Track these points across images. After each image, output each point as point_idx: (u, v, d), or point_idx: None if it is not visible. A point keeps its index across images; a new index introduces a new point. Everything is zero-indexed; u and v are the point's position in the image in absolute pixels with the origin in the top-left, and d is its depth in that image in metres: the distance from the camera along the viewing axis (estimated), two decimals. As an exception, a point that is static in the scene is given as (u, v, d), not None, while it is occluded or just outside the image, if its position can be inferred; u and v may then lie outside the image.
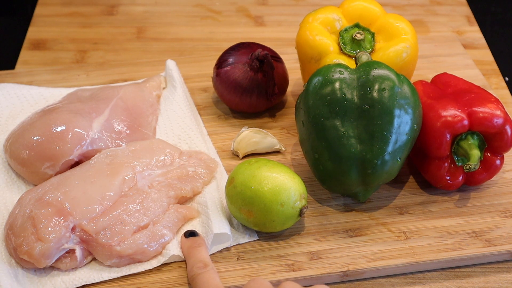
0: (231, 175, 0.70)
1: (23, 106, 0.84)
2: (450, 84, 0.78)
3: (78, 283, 0.66)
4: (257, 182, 0.67)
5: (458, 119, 0.70)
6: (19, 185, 0.76)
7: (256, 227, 0.69)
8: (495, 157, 0.73)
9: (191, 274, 0.64)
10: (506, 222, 0.72)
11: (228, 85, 0.82)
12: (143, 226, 0.69)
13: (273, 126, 0.85)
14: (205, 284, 0.62)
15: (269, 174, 0.68)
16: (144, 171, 0.73)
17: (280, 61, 0.85)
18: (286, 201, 0.67)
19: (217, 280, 0.63)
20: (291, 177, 0.68)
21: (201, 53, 1.01)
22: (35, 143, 0.74)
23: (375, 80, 0.68)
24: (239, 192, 0.68)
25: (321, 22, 0.79)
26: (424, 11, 1.12)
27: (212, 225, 0.69)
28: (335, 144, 0.68)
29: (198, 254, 0.66)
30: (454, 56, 0.96)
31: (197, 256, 0.65)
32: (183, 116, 0.83)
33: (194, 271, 0.64)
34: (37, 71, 0.93)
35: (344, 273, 0.68)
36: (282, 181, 0.67)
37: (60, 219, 0.66)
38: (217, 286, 0.62)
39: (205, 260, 0.65)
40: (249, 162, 0.70)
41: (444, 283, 0.69)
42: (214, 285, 0.62)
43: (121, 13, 1.10)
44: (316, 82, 0.70)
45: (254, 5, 1.12)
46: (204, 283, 0.62)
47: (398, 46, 0.77)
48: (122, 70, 0.93)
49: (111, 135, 0.78)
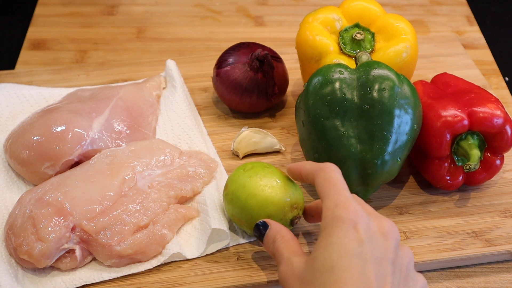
0: (228, 179, 0.70)
1: (23, 106, 0.84)
2: (450, 84, 0.78)
3: (78, 283, 0.66)
4: (246, 194, 0.67)
5: (458, 119, 0.70)
6: (19, 185, 0.76)
7: (249, 232, 0.70)
8: (495, 157, 0.73)
9: (319, 166, 0.61)
10: (506, 222, 0.72)
11: (228, 85, 0.82)
12: (143, 226, 0.69)
13: (273, 126, 0.85)
14: (341, 181, 0.59)
15: (259, 185, 0.66)
16: (144, 171, 0.73)
17: (280, 61, 0.85)
18: (273, 214, 0.66)
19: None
20: (282, 187, 0.67)
21: (201, 53, 1.01)
22: (35, 143, 0.74)
23: (375, 80, 0.68)
24: (231, 200, 0.68)
25: (321, 22, 0.79)
26: (424, 11, 1.12)
27: (210, 221, 0.69)
28: (335, 144, 0.68)
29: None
30: (454, 56, 0.96)
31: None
32: (183, 116, 0.83)
33: (325, 164, 0.60)
34: (37, 71, 0.93)
35: (344, 273, 0.68)
36: (269, 194, 0.66)
37: (60, 219, 0.66)
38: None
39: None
40: (244, 168, 0.69)
41: (444, 283, 0.69)
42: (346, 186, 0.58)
43: (121, 13, 1.10)
44: (316, 82, 0.70)
45: (254, 5, 1.12)
46: (339, 179, 0.59)
47: (398, 46, 0.77)
48: (122, 70, 0.93)
49: (111, 135, 0.78)
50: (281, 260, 0.59)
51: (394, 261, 0.55)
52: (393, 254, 0.55)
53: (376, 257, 0.54)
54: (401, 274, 0.55)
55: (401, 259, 0.56)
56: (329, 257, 0.53)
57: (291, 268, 0.57)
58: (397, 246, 0.56)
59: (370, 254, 0.53)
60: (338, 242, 0.54)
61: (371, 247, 0.54)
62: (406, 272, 0.56)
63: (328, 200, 0.57)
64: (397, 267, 0.55)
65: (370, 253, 0.53)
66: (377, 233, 0.56)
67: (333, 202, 0.56)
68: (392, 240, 0.56)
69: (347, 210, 0.55)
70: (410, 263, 0.57)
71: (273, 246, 0.62)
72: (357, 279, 0.52)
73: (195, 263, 0.69)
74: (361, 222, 0.55)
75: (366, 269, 0.52)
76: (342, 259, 0.53)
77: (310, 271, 0.55)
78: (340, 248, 0.53)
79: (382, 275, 0.53)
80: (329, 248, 0.54)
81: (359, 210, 0.56)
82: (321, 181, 0.59)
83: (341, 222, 0.55)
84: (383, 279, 0.53)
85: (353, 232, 0.54)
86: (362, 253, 0.53)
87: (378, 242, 0.55)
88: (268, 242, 0.63)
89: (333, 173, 0.59)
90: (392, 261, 0.55)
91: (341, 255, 0.53)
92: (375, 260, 0.53)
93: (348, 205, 0.56)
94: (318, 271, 0.53)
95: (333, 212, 0.56)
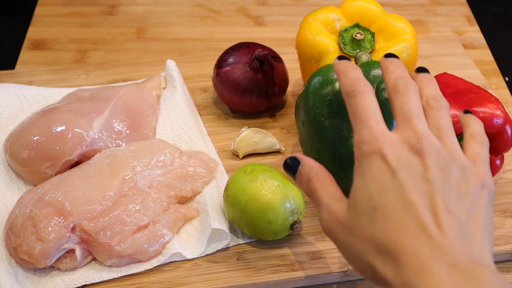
0: (228, 181, 0.70)
1: (23, 106, 0.84)
2: (450, 84, 0.78)
3: (78, 283, 0.66)
4: (246, 198, 0.67)
5: (458, 119, 0.70)
6: (19, 185, 0.76)
7: (249, 234, 0.70)
8: (495, 157, 0.73)
9: (350, 88, 0.55)
10: (506, 222, 0.72)
11: (228, 85, 0.82)
12: (143, 226, 0.69)
13: (273, 126, 0.85)
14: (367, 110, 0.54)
15: (259, 190, 0.66)
16: (144, 171, 0.73)
17: (280, 61, 0.85)
18: (273, 219, 0.66)
19: (378, 110, 0.54)
20: (283, 192, 0.67)
21: (201, 53, 1.01)
22: (35, 143, 0.74)
23: (375, 80, 0.68)
24: (231, 203, 0.68)
25: (321, 22, 0.79)
26: (424, 11, 1.12)
27: (210, 221, 0.69)
28: (335, 144, 0.68)
29: (359, 73, 0.57)
30: (454, 56, 0.96)
31: (357, 74, 0.57)
32: (183, 116, 0.83)
33: (355, 86, 0.55)
34: (37, 71, 0.93)
35: (344, 273, 0.68)
36: (270, 200, 0.66)
37: (60, 219, 0.67)
38: (378, 117, 0.54)
39: (365, 79, 0.56)
40: (244, 171, 0.69)
41: (444, 283, 0.69)
42: (375, 114, 0.54)
43: (121, 13, 1.10)
44: (316, 82, 0.70)
45: (254, 5, 1.12)
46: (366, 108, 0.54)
47: (398, 46, 0.77)
48: (122, 70, 0.93)
49: (111, 135, 0.78)
50: (321, 205, 0.55)
51: (438, 176, 0.50)
52: (433, 168, 0.51)
53: (414, 180, 0.50)
54: (450, 186, 0.51)
55: (447, 169, 0.51)
56: (369, 197, 0.51)
57: (334, 216, 0.54)
58: (440, 155, 0.52)
59: (406, 180, 0.50)
60: (372, 179, 0.51)
61: (405, 172, 0.50)
62: (457, 180, 0.51)
63: (355, 136, 0.53)
64: (445, 179, 0.51)
65: (407, 179, 0.50)
66: (410, 153, 0.51)
67: (359, 138, 0.53)
68: (428, 156, 0.51)
69: (371, 143, 0.52)
70: (462, 165, 0.52)
71: (307, 186, 0.57)
72: (402, 211, 0.49)
73: (195, 263, 0.69)
74: (388, 149, 0.51)
75: (406, 198, 0.49)
76: (382, 196, 0.50)
77: (355, 216, 0.51)
78: (377, 186, 0.51)
79: (427, 197, 0.50)
80: (367, 188, 0.51)
81: (386, 137, 0.52)
82: (349, 112, 0.55)
83: (369, 158, 0.52)
84: (430, 202, 0.49)
85: (382, 164, 0.51)
86: (398, 183, 0.50)
87: (412, 162, 0.51)
88: (301, 180, 0.58)
89: (358, 100, 0.54)
90: (434, 176, 0.50)
91: (379, 192, 0.50)
92: (415, 184, 0.50)
93: (372, 137, 0.52)
94: (362, 214, 0.51)
95: (361, 150, 0.52)
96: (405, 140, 0.52)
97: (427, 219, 0.49)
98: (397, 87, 0.56)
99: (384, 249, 0.49)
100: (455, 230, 0.49)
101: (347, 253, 0.53)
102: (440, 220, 0.49)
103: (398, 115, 0.55)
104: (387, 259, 0.49)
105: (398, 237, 0.48)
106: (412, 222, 0.49)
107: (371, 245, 0.50)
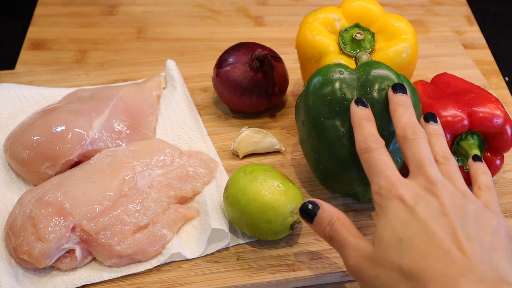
0: (228, 181, 0.70)
1: (23, 106, 0.84)
2: (450, 84, 0.78)
3: (78, 283, 0.66)
4: (246, 198, 0.67)
5: (458, 119, 0.70)
6: (19, 185, 0.76)
7: (249, 234, 0.70)
8: (495, 157, 0.73)
9: (363, 146, 0.62)
10: (506, 222, 0.72)
11: (228, 85, 0.82)
12: (143, 226, 0.69)
13: (273, 126, 0.85)
14: (380, 162, 0.60)
15: (259, 191, 0.66)
16: (144, 171, 0.73)
17: (280, 61, 0.85)
18: (273, 219, 0.66)
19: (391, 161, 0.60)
20: (283, 192, 0.67)
21: (201, 53, 1.01)
22: (35, 143, 0.74)
23: (375, 80, 0.68)
24: (231, 203, 0.68)
25: (321, 22, 0.79)
26: (424, 11, 1.12)
27: (210, 220, 0.69)
28: (335, 144, 0.68)
29: (372, 128, 0.63)
30: (454, 56, 0.96)
31: (371, 129, 0.63)
32: (183, 116, 0.83)
33: (368, 143, 0.61)
34: (37, 71, 0.93)
35: (344, 273, 0.68)
36: (270, 200, 0.66)
37: (60, 219, 0.67)
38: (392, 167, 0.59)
39: (377, 135, 0.62)
40: (244, 171, 0.69)
41: (444, 283, 0.69)
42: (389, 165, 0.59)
43: (121, 13, 1.10)
44: (316, 82, 0.70)
45: (254, 5, 1.12)
46: (380, 160, 0.60)
47: (398, 46, 0.77)
48: (122, 70, 0.93)
49: (111, 135, 0.78)
50: (346, 245, 0.59)
51: (454, 210, 0.55)
52: (450, 206, 0.56)
53: (434, 215, 0.55)
54: (468, 220, 0.56)
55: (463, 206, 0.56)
56: (393, 232, 0.55)
57: (361, 253, 0.57)
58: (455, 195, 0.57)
59: (426, 216, 0.55)
60: (394, 217, 0.56)
61: (424, 208, 0.55)
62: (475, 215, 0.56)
63: (373, 187, 0.59)
64: (462, 214, 0.56)
65: (426, 214, 0.55)
66: (426, 193, 0.57)
67: (376, 187, 0.58)
68: (444, 196, 0.56)
69: (389, 189, 0.57)
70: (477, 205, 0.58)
71: (329, 229, 0.60)
72: (426, 241, 0.53)
73: (195, 263, 0.69)
74: (405, 191, 0.57)
75: (429, 229, 0.54)
76: (406, 230, 0.54)
77: (382, 250, 0.55)
78: (399, 222, 0.55)
79: (447, 228, 0.54)
80: (390, 225, 0.55)
81: (402, 182, 0.57)
82: (364, 166, 0.61)
83: (389, 201, 0.57)
84: (451, 232, 0.54)
85: (401, 205, 0.56)
86: (418, 218, 0.54)
87: (429, 200, 0.56)
88: (322, 224, 0.61)
89: (372, 155, 0.60)
90: (452, 211, 0.55)
91: (403, 227, 0.55)
92: (434, 218, 0.54)
93: (389, 183, 0.57)
94: (389, 247, 0.55)
95: (380, 196, 0.58)
96: (420, 185, 0.58)
97: (451, 246, 0.53)
98: (406, 136, 0.61)
99: (412, 275, 0.52)
100: (479, 255, 0.52)
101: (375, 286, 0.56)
102: (463, 246, 0.53)
103: (411, 163, 0.60)
104: (415, 283, 0.52)
105: (425, 262, 0.52)
106: (437, 248, 0.53)
107: (399, 273, 0.53)
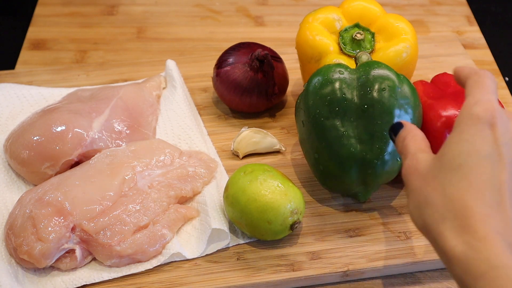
0: (228, 181, 0.70)
1: (23, 106, 0.84)
2: (450, 84, 0.78)
3: (78, 283, 0.66)
4: (246, 198, 0.67)
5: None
6: (19, 185, 0.76)
7: (249, 234, 0.70)
8: (495, 157, 0.73)
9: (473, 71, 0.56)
10: (506, 222, 0.72)
11: (228, 85, 0.82)
12: (143, 226, 0.69)
13: (273, 126, 0.85)
14: (491, 86, 0.53)
15: (259, 191, 0.66)
16: (144, 171, 0.73)
17: (280, 61, 0.85)
18: (273, 219, 0.66)
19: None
20: (283, 192, 0.67)
21: (201, 53, 1.01)
22: (35, 143, 0.74)
23: (375, 80, 0.68)
24: (231, 203, 0.68)
25: (321, 22, 0.79)
26: (424, 11, 1.12)
27: (210, 221, 0.69)
28: (335, 144, 0.68)
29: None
30: (454, 56, 0.96)
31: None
32: (183, 116, 0.83)
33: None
34: (37, 71, 0.93)
35: (344, 273, 0.68)
36: (270, 200, 0.66)
37: (60, 219, 0.67)
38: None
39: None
40: (244, 171, 0.69)
41: (444, 283, 0.69)
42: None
43: (121, 13, 1.10)
44: (316, 82, 0.70)
45: (254, 5, 1.12)
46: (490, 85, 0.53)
47: (398, 46, 0.77)
48: (122, 70, 0.93)
49: (111, 135, 0.78)
50: (407, 155, 0.55)
51: None
52: None
53: (506, 163, 0.49)
54: None
55: None
56: (458, 154, 0.50)
57: (416, 164, 0.53)
58: None
59: (506, 157, 0.49)
60: (470, 140, 0.50)
61: (508, 151, 0.49)
62: None
63: (469, 98, 0.53)
64: None
65: (506, 157, 0.49)
66: None
67: (473, 100, 0.52)
68: None
69: (486, 109, 0.51)
70: None
71: (402, 144, 0.57)
72: (484, 180, 0.48)
73: (195, 263, 0.69)
74: (500, 123, 0.50)
75: (497, 171, 0.48)
76: (471, 158, 0.49)
77: (436, 168, 0.51)
78: (471, 147, 0.50)
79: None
80: (459, 145, 0.50)
81: (501, 112, 0.51)
82: (471, 83, 0.55)
83: (477, 120, 0.51)
84: None
85: (488, 132, 0.50)
86: (495, 155, 0.49)
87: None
88: (399, 141, 0.58)
89: (487, 79, 0.54)
90: None
91: (470, 154, 0.49)
92: (507, 165, 0.49)
93: (489, 105, 0.51)
94: (444, 168, 0.50)
95: (471, 109, 0.51)
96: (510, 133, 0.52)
97: (507, 199, 0.48)
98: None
99: (451, 205, 0.48)
100: None
101: (412, 199, 0.52)
102: None
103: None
104: (451, 214, 0.48)
105: (471, 200, 0.48)
106: (491, 193, 0.48)
107: (439, 197, 0.49)
